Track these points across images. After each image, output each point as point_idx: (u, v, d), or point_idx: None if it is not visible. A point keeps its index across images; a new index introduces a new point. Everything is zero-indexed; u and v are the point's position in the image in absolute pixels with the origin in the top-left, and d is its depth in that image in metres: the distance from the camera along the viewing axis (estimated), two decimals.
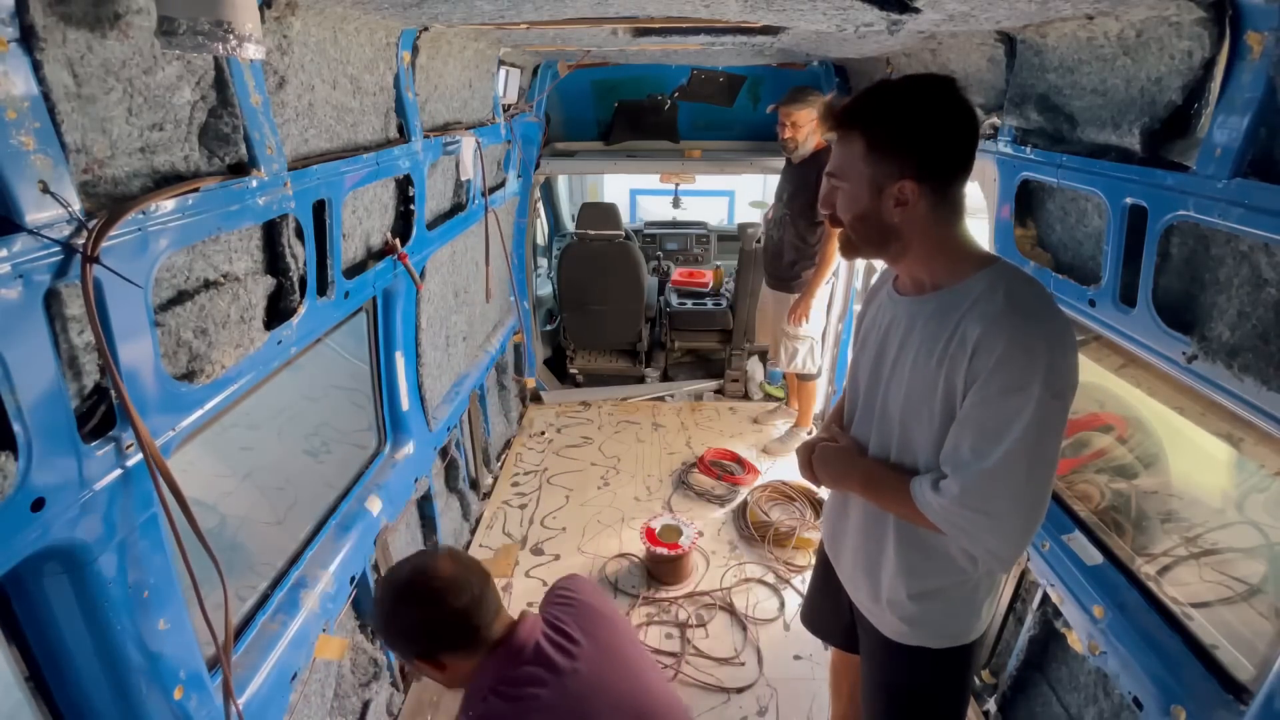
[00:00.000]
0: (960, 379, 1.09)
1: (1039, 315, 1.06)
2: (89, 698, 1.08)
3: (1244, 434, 1.41)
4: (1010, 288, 1.08)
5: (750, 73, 3.96)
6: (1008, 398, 1.03)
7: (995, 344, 1.04)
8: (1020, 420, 1.03)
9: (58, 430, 0.93)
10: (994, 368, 1.04)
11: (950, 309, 1.12)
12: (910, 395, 1.18)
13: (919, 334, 1.16)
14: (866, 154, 1.09)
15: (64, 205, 0.89)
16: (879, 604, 1.33)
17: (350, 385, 2.31)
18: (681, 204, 5.09)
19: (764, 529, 2.94)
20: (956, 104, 1.07)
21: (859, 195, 1.11)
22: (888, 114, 1.09)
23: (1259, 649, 1.33)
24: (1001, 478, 1.06)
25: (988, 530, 1.09)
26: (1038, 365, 1.02)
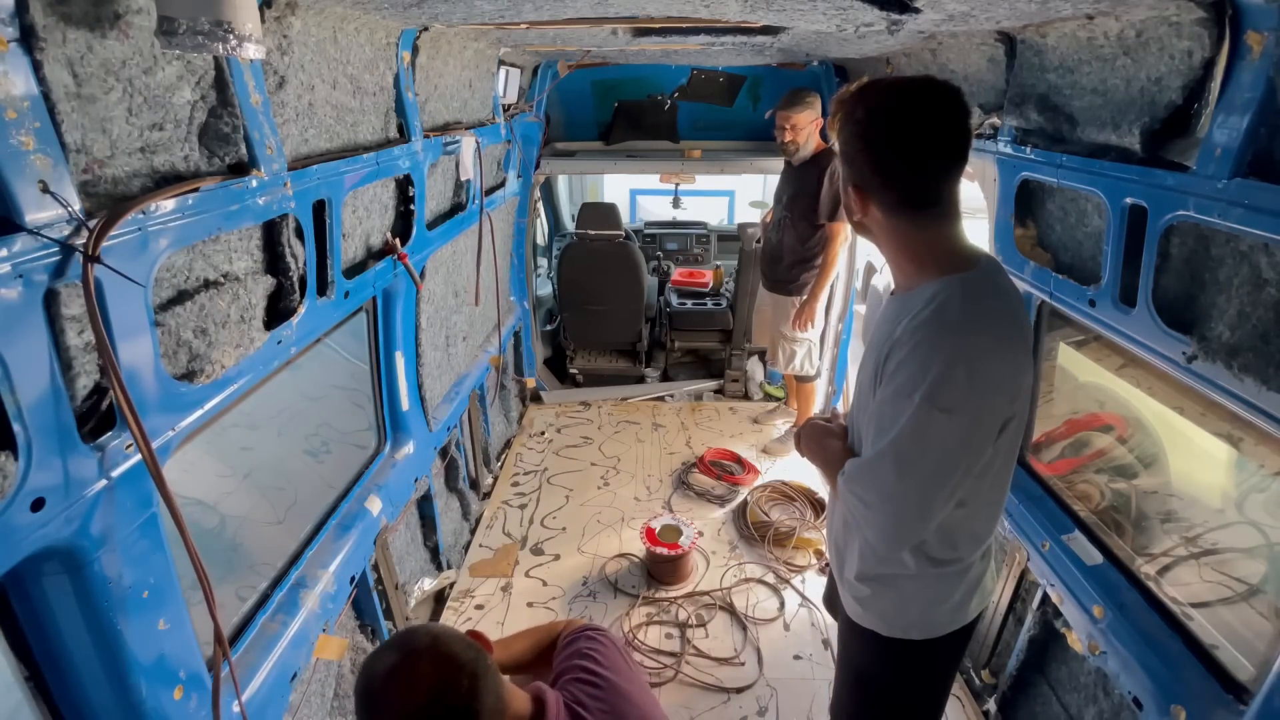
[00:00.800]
0: (881, 375, 1.15)
1: (954, 328, 1.06)
2: (89, 698, 1.08)
3: (1244, 434, 1.41)
4: (947, 299, 1.08)
5: (750, 73, 3.96)
6: (896, 400, 1.08)
7: (902, 348, 1.09)
8: (897, 424, 1.07)
9: (58, 430, 0.93)
10: (894, 370, 1.10)
11: (899, 313, 1.15)
12: (866, 385, 1.24)
13: (889, 328, 1.19)
14: (840, 153, 1.16)
15: (64, 205, 0.89)
16: (842, 583, 1.40)
17: (350, 385, 2.31)
18: (681, 204, 5.09)
19: (764, 529, 2.94)
20: (908, 116, 1.07)
21: (845, 189, 1.18)
22: (846, 121, 1.12)
23: (1259, 649, 1.33)
24: (875, 471, 1.13)
25: (863, 516, 1.16)
26: (926, 376, 1.04)
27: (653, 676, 2.29)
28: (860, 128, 1.09)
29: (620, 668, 1.20)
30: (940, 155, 1.08)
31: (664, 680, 2.29)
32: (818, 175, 3.07)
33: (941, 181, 1.10)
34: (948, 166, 1.09)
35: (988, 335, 1.08)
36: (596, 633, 1.26)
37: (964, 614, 1.32)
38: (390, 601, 2.15)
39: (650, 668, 2.33)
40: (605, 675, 1.16)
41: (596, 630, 1.27)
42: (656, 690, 2.26)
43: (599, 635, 1.25)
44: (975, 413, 1.07)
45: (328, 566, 1.75)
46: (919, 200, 1.11)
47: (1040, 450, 2.12)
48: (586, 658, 1.20)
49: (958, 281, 1.10)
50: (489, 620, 2.55)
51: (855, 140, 1.11)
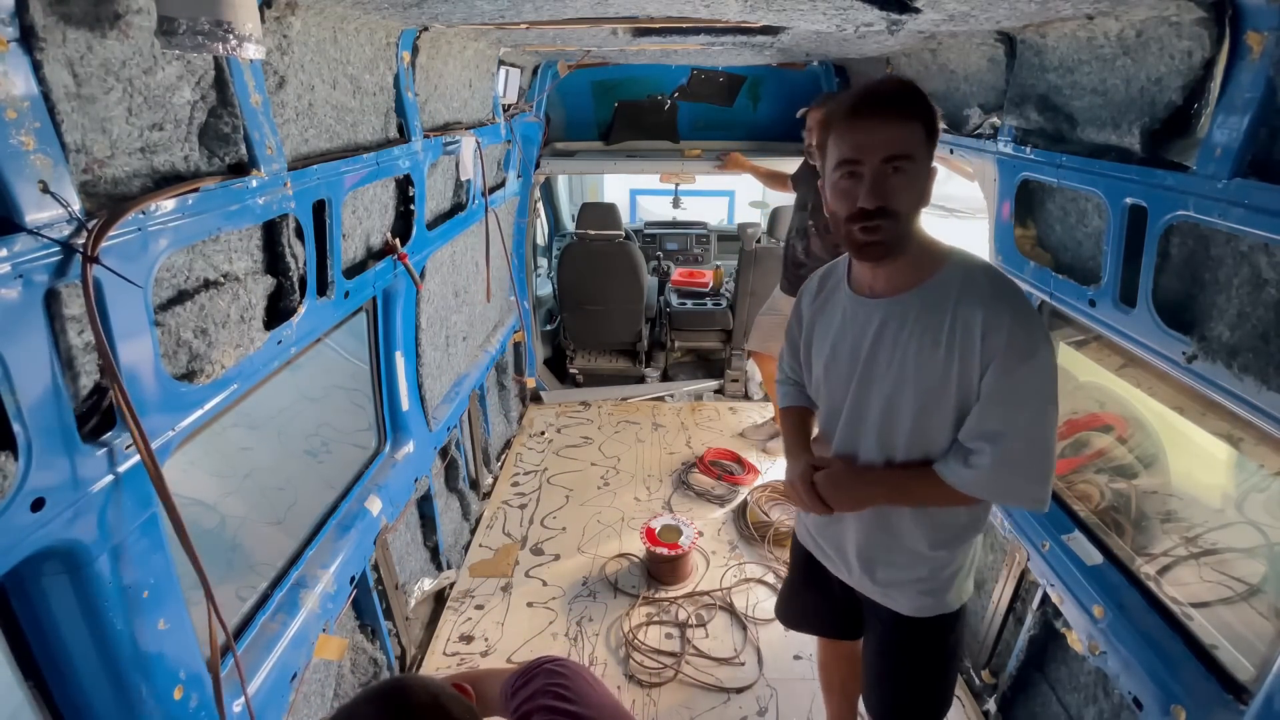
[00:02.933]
0: (975, 360, 1.15)
1: (1013, 287, 1.18)
2: (89, 698, 1.08)
3: (1244, 434, 1.41)
4: (985, 268, 1.20)
5: (750, 73, 3.97)
6: (1025, 363, 1.13)
7: (1001, 321, 1.12)
8: (1038, 379, 1.14)
9: (57, 430, 0.93)
10: (1009, 342, 1.12)
11: (940, 299, 1.17)
12: (920, 388, 1.21)
13: (913, 329, 1.19)
14: (924, 140, 1.11)
15: (64, 205, 0.89)
16: (896, 590, 1.38)
17: (350, 385, 2.31)
18: (681, 204, 5.09)
19: (764, 529, 2.94)
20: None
21: (922, 182, 1.13)
22: (930, 107, 1.13)
23: (1259, 649, 1.33)
24: (1034, 437, 1.16)
25: (1028, 483, 1.18)
26: (1038, 330, 1.15)
27: (653, 676, 2.29)
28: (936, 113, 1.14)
29: (589, 697, 1.11)
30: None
31: (664, 680, 2.29)
32: None
33: None
34: None
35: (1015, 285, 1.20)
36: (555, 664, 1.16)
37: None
38: (390, 601, 2.15)
39: (650, 668, 2.33)
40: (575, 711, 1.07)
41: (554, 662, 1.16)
42: (656, 690, 2.26)
43: (559, 667, 1.15)
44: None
45: (328, 566, 1.75)
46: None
47: None
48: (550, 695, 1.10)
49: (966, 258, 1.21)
50: (489, 620, 2.55)
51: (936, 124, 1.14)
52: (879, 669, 1.52)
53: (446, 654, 2.40)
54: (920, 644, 1.45)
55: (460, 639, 2.47)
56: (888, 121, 1.09)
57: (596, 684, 1.15)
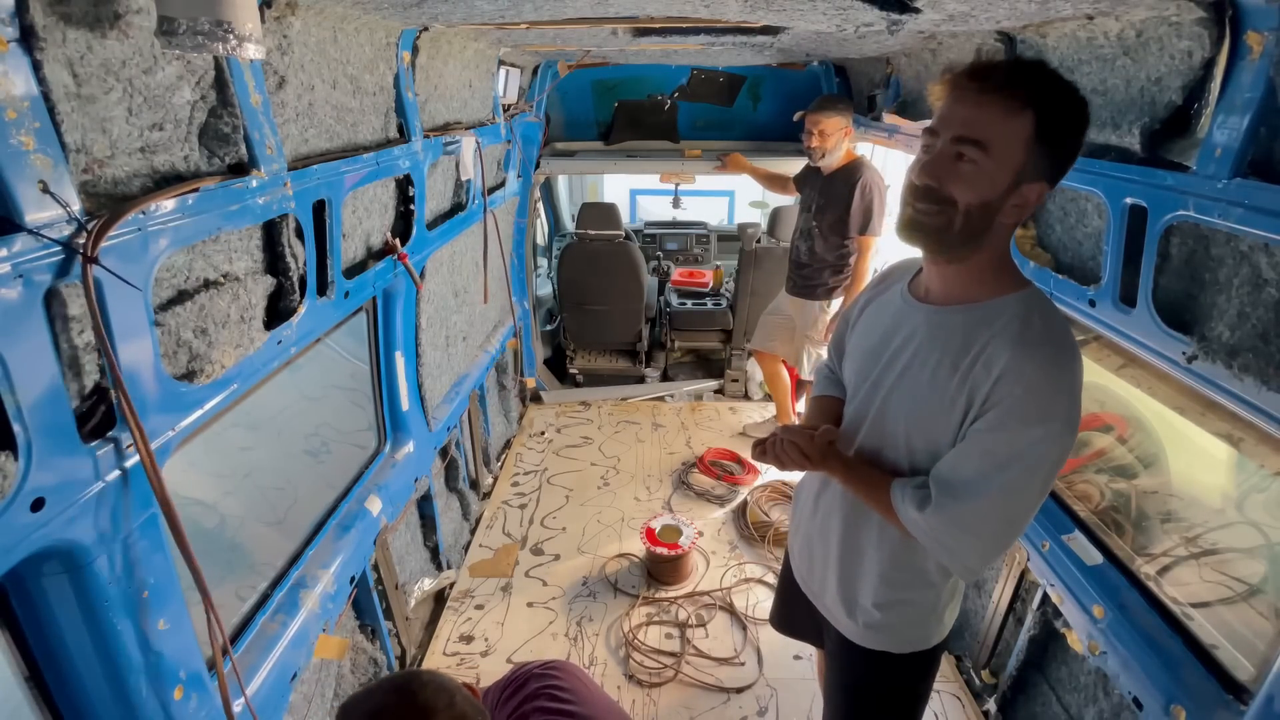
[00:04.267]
0: (978, 399, 1.04)
1: (1070, 351, 1.03)
2: (89, 698, 1.08)
3: (1244, 434, 1.41)
4: (1046, 316, 1.05)
5: (750, 73, 3.96)
6: (1028, 428, 1.00)
7: (1024, 371, 1.00)
8: (1034, 451, 1.01)
9: (58, 430, 0.93)
10: (1021, 396, 1.00)
11: (980, 325, 1.06)
12: (921, 406, 1.13)
13: (941, 346, 1.10)
14: (1032, 139, 0.94)
15: (64, 205, 0.89)
16: (844, 609, 1.34)
17: (350, 385, 2.30)
18: (681, 204, 5.09)
19: (764, 529, 2.94)
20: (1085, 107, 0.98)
21: (999, 181, 0.97)
22: (1064, 106, 0.96)
23: (1259, 649, 1.33)
24: (999, 504, 1.05)
25: (970, 549, 1.09)
26: (1062, 400, 1.00)
27: (653, 676, 2.29)
28: (1078, 116, 0.98)
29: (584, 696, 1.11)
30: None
31: (664, 680, 2.29)
32: (848, 188, 3.05)
33: None
34: None
35: (1080, 353, 1.05)
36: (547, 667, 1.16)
37: (956, 610, 1.35)
38: (390, 601, 2.15)
39: (650, 668, 2.33)
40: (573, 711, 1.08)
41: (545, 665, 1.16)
42: (656, 690, 2.26)
43: (551, 670, 1.15)
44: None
45: (328, 566, 1.75)
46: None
47: None
48: (543, 696, 1.10)
49: (1038, 295, 1.08)
50: (489, 620, 2.55)
51: (1075, 129, 0.98)
52: (829, 686, 1.52)
53: (446, 654, 2.40)
54: (861, 672, 1.39)
55: (460, 639, 2.47)
56: (981, 98, 0.95)
57: (591, 683, 1.16)
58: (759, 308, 3.86)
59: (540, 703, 1.09)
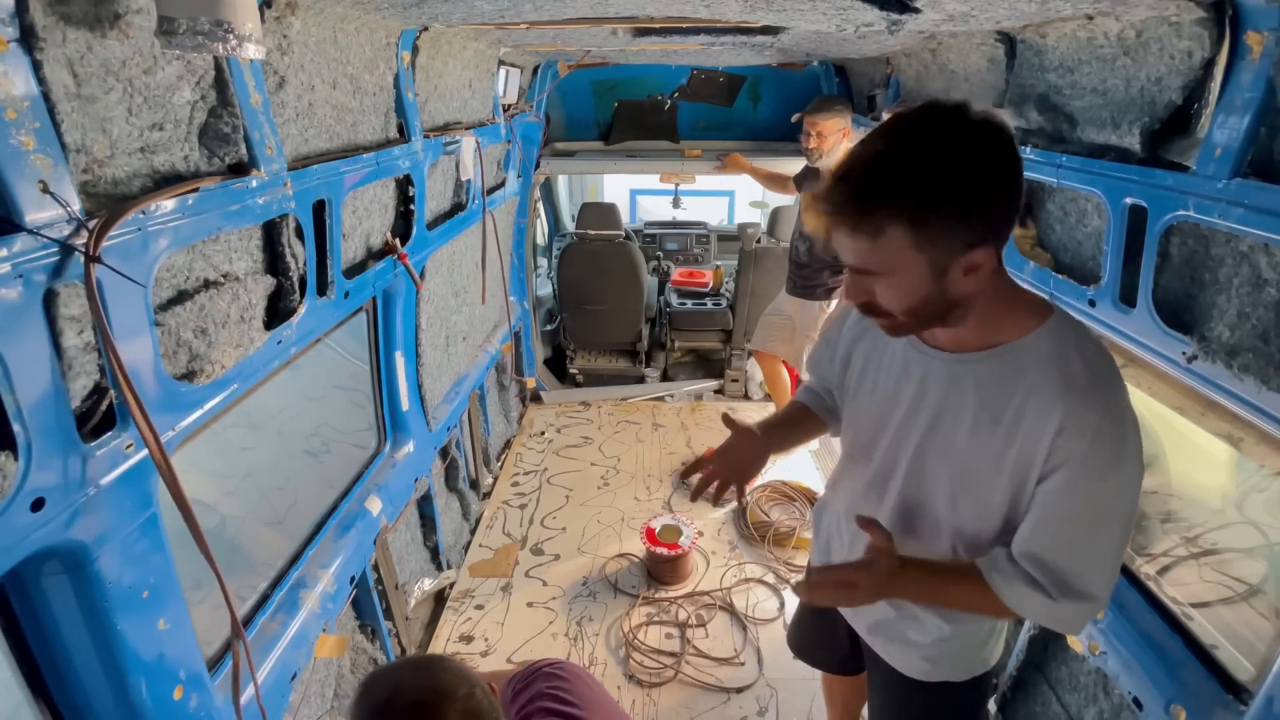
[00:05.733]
0: (1039, 457, 0.95)
1: (1119, 385, 0.95)
2: (89, 698, 1.08)
3: (1244, 434, 1.41)
4: (1083, 352, 0.96)
5: (750, 73, 3.96)
6: (1105, 482, 0.94)
7: (1086, 423, 0.92)
8: (1121, 503, 0.96)
9: (58, 430, 0.93)
10: (1088, 450, 0.92)
11: (1012, 373, 0.97)
12: (965, 465, 1.04)
13: (973, 398, 1.01)
14: (914, 241, 0.86)
15: (64, 205, 0.89)
16: (899, 646, 1.30)
17: (350, 385, 2.30)
18: (681, 204, 5.09)
19: (764, 529, 2.94)
20: (995, 137, 0.86)
21: (915, 285, 0.90)
22: (930, 186, 0.84)
23: (1259, 649, 1.33)
24: (1104, 563, 0.99)
25: (1084, 614, 1.02)
26: (1130, 441, 0.93)
27: (653, 676, 2.29)
28: (984, 165, 0.86)
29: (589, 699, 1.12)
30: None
31: (664, 680, 2.29)
32: None
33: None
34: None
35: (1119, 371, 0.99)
36: (554, 667, 1.18)
37: (1004, 632, 1.34)
38: (390, 601, 2.15)
39: (650, 668, 2.33)
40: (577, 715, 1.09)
41: (553, 665, 1.18)
42: (656, 690, 2.26)
43: (558, 670, 1.16)
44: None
45: (328, 566, 1.75)
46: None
47: None
48: (548, 698, 1.11)
49: (1066, 325, 0.99)
50: (489, 620, 2.55)
51: (984, 184, 0.86)
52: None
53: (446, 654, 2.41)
54: (921, 707, 1.36)
55: (460, 639, 2.47)
56: (846, 233, 0.89)
57: (596, 686, 1.17)
58: (759, 308, 3.86)
59: (545, 703, 1.10)
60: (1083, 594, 0.99)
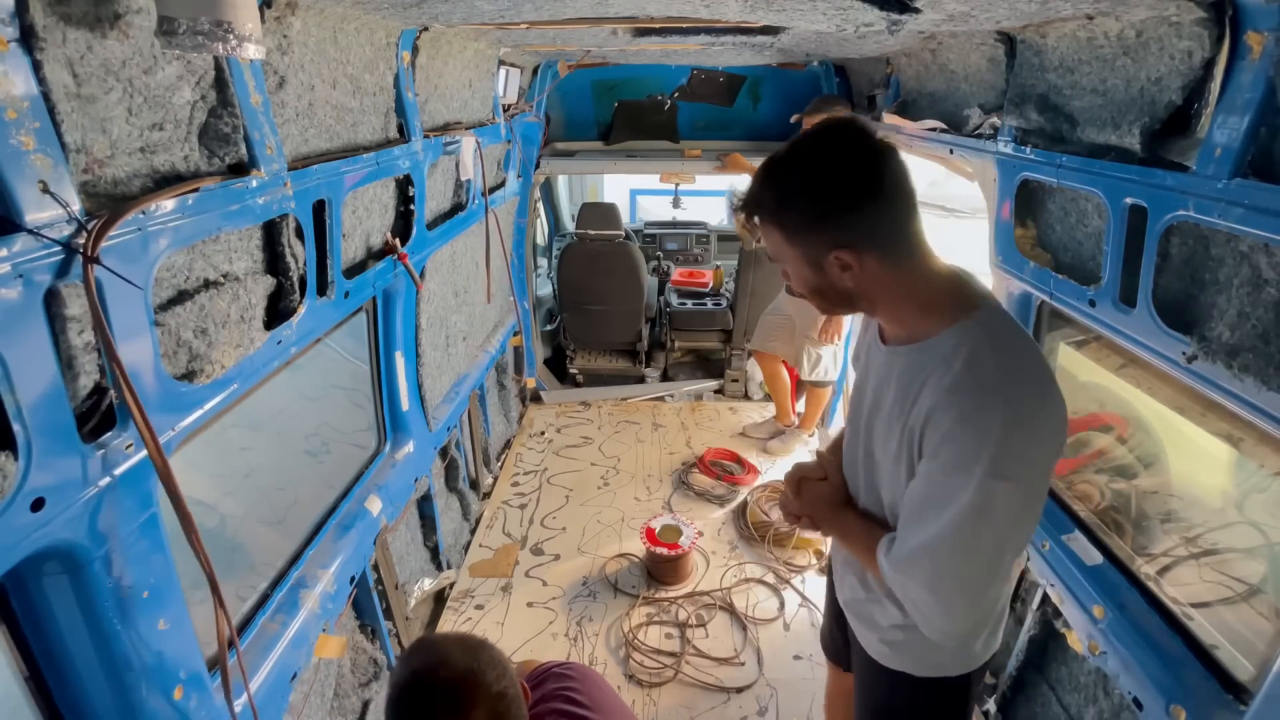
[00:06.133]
0: (915, 445, 1.04)
1: (997, 389, 0.96)
2: (89, 698, 1.08)
3: (1244, 434, 1.41)
4: (974, 353, 0.98)
5: (750, 73, 3.97)
6: (949, 477, 0.97)
7: (944, 419, 0.97)
8: (957, 502, 0.96)
9: (58, 430, 0.93)
10: (940, 443, 0.98)
11: (917, 369, 1.04)
12: (885, 452, 1.13)
13: (893, 390, 1.09)
14: (787, 239, 1.03)
15: (64, 205, 0.89)
16: (871, 627, 1.33)
17: (350, 385, 2.30)
18: (681, 204, 5.09)
19: (764, 529, 2.94)
20: (848, 149, 0.98)
21: (801, 274, 1.06)
22: (786, 197, 1.00)
23: (1259, 649, 1.33)
24: (938, 557, 1.01)
25: (929, 605, 1.04)
26: (985, 445, 0.93)
27: (653, 677, 2.29)
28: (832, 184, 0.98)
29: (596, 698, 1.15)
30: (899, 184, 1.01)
31: (664, 680, 2.29)
32: None
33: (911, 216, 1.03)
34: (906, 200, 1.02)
35: (1029, 384, 0.98)
36: (564, 668, 1.21)
37: (996, 640, 1.31)
38: (390, 601, 2.15)
39: (650, 668, 2.33)
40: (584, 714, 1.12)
41: (563, 666, 1.21)
42: (656, 690, 2.26)
43: (568, 670, 1.20)
44: (1037, 475, 0.99)
45: (328, 566, 1.75)
46: (913, 232, 1.03)
47: None
48: (559, 699, 1.15)
49: (976, 327, 1.01)
50: (489, 620, 2.55)
51: (831, 200, 0.98)
52: (856, 707, 1.50)
53: None
54: (882, 694, 1.37)
55: None
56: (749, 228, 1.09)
57: (605, 687, 1.20)
58: (759, 308, 3.86)
59: (556, 704, 1.13)
60: (921, 581, 1.03)
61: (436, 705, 0.92)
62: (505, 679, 0.96)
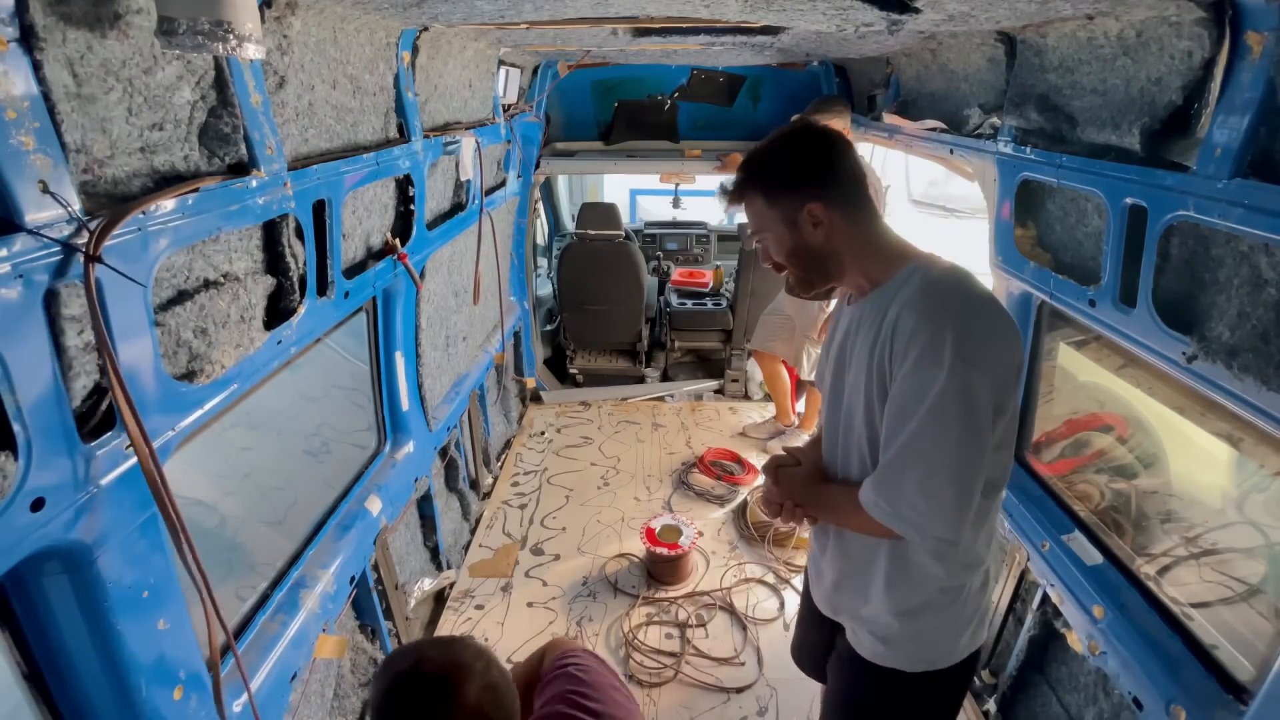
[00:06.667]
0: (888, 365, 1.11)
1: (951, 291, 1.10)
2: (89, 698, 1.08)
3: (1244, 434, 1.41)
4: (926, 273, 1.13)
5: (750, 73, 3.97)
6: (921, 371, 1.05)
7: (908, 321, 1.08)
8: (934, 386, 1.03)
9: (58, 430, 0.93)
10: (909, 342, 1.07)
11: (881, 304, 1.15)
12: (856, 396, 1.19)
13: (861, 334, 1.18)
14: (767, 202, 1.20)
15: (64, 205, 0.89)
16: (859, 620, 1.32)
17: (350, 385, 2.31)
18: (681, 204, 5.09)
19: (764, 529, 2.94)
20: (815, 132, 1.22)
21: (780, 236, 1.20)
22: (766, 164, 1.21)
23: (1259, 649, 1.33)
24: (923, 450, 1.07)
25: (924, 512, 1.08)
26: (945, 333, 1.04)
27: (653, 677, 2.29)
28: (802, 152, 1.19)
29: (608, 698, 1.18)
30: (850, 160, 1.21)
31: (664, 680, 2.29)
32: None
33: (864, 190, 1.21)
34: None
35: (980, 293, 1.12)
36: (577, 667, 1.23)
37: (982, 632, 1.31)
38: (390, 601, 2.15)
39: (650, 668, 2.33)
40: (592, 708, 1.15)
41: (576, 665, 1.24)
42: (656, 690, 2.26)
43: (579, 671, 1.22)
44: (1000, 364, 1.08)
45: (328, 566, 1.75)
46: (865, 199, 1.20)
47: (1040, 450, 2.12)
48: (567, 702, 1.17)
49: (930, 262, 1.17)
50: (489, 620, 2.55)
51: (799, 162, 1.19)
52: (828, 706, 1.49)
53: None
54: (870, 691, 1.36)
55: None
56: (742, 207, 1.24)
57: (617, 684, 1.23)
58: (759, 308, 3.86)
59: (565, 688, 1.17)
60: (897, 480, 1.10)
61: (425, 699, 0.93)
62: (484, 662, 0.98)
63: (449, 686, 0.93)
